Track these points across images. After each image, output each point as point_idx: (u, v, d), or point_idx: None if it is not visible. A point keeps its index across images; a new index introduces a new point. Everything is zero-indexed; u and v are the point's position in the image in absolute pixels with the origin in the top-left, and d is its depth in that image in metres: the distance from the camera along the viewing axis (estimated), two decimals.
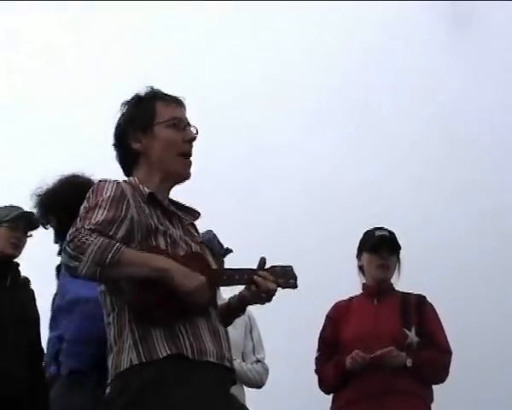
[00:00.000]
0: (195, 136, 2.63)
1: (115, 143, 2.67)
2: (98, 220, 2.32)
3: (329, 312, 4.04)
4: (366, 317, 3.87)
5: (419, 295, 3.98)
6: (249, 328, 4.27)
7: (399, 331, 3.76)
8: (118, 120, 2.68)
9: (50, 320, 3.13)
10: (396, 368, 3.65)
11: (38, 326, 3.76)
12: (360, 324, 3.85)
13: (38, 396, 3.41)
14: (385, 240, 3.95)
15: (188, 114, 2.67)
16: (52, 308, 3.14)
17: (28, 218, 3.76)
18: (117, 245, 2.28)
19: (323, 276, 6.34)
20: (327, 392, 3.95)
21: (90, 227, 2.29)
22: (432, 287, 4.25)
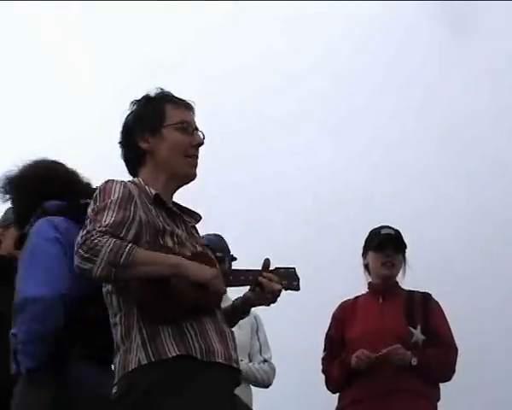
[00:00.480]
0: (203, 141, 2.64)
1: (122, 141, 2.67)
2: (108, 222, 2.33)
3: (335, 312, 4.04)
4: (371, 315, 3.88)
5: (424, 292, 3.99)
6: (255, 328, 4.30)
7: (405, 330, 3.77)
8: (126, 119, 2.68)
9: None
10: (401, 367, 3.65)
11: None
12: (366, 322, 3.85)
13: None
14: (390, 238, 3.95)
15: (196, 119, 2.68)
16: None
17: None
18: (129, 246, 2.29)
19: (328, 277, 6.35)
20: (333, 391, 3.95)
21: (101, 229, 2.30)
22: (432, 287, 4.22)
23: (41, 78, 7.33)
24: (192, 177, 2.64)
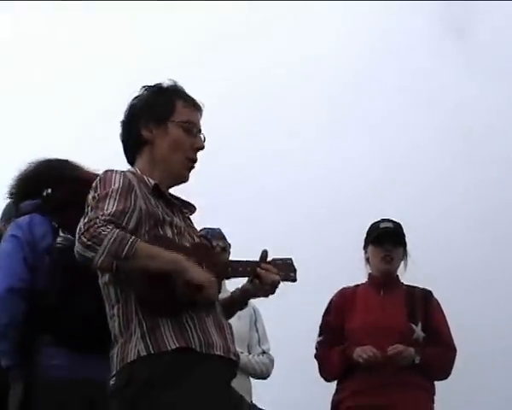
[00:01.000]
0: (204, 146, 2.64)
1: (124, 121, 2.65)
2: (111, 211, 2.32)
3: (335, 297, 3.99)
4: (372, 308, 3.85)
5: (425, 289, 3.97)
6: (254, 320, 4.31)
7: (406, 326, 3.76)
8: (133, 101, 2.66)
9: None
10: (404, 365, 3.64)
11: None
12: (367, 314, 3.83)
13: None
14: (389, 232, 3.91)
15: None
16: None
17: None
18: (132, 238, 2.28)
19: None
20: (328, 379, 3.91)
21: (105, 218, 2.29)
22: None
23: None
24: (185, 179, 2.64)
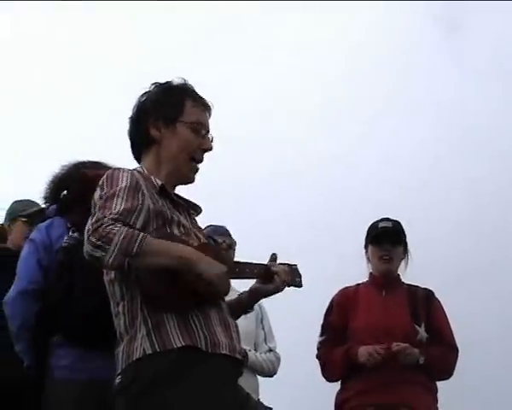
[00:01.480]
0: (212, 147, 2.64)
1: (133, 118, 2.65)
2: (119, 210, 2.31)
3: (336, 297, 3.97)
4: (375, 308, 3.84)
5: (426, 289, 3.95)
6: (260, 317, 4.30)
7: (410, 326, 3.75)
8: (143, 97, 2.66)
9: None
10: (408, 365, 3.64)
11: None
12: (369, 314, 3.81)
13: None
14: (387, 231, 3.89)
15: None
16: None
17: (44, 215, 3.76)
18: (141, 235, 2.27)
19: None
20: (330, 379, 3.89)
21: (113, 217, 2.28)
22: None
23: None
24: (190, 181, 2.65)
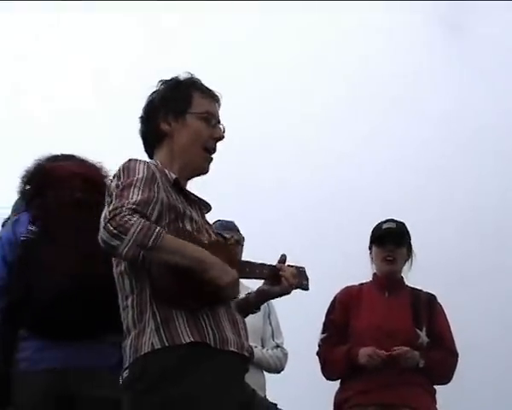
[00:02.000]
0: (223, 135, 2.65)
1: (143, 117, 2.67)
2: (136, 200, 2.31)
3: (339, 295, 3.97)
4: (378, 309, 3.84)
5: (429, 293, 3.95)
6: (268, 313, 4.30)
7: (412, 330, 3.75)
8: (151, 96, 2.68)
9: None
10: (408, 368, 3.65)
11: None
12: (372, 315, 3.81)
13: None
14: (391, 232, 3.89)
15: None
16: None
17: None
18: (158, 229, 2.27)
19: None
20: (330, 378, 3.89)
21: (130, 207, 2.27)
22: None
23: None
24: (204, 171, 2.66)
